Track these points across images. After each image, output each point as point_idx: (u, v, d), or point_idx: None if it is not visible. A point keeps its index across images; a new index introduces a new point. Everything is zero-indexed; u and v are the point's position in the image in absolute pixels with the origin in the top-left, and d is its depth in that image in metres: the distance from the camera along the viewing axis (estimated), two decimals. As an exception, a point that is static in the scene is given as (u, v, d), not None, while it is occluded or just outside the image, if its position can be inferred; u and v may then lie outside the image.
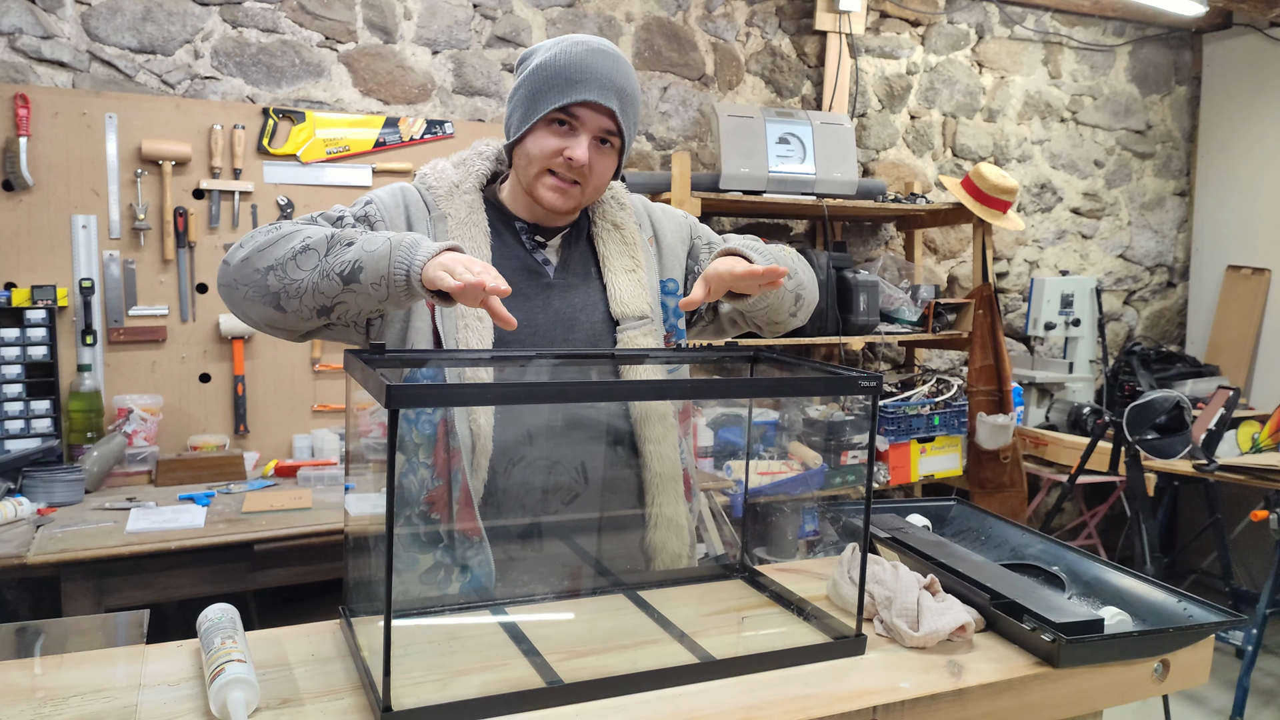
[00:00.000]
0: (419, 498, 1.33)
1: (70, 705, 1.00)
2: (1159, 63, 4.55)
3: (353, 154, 2.88)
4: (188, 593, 2.16)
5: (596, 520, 1.43)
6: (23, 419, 2.50)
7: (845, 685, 1.09)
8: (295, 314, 1.25)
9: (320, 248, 1.23)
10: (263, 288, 1.24)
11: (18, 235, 2.54)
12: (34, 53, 2.63)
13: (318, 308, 1.24)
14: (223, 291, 1.30)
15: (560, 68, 1.32)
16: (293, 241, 1.24)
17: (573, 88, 1.31)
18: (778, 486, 3.05)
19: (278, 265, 1.23)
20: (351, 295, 1.21)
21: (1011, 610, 1.21)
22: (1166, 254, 4.72)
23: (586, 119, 1.34)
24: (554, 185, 1.36)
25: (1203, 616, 1.24)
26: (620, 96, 1.34)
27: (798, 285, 1.49)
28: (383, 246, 1.19)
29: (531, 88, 1.34)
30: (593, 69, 1.32)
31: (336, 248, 1.22)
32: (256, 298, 1.25)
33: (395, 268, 1.17)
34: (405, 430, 1.33)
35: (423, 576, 1.33)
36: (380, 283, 1.18)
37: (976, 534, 1.65)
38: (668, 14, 3.47)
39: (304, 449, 2.80)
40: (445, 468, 1.32)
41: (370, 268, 1.18)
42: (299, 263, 1.22)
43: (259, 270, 1.24)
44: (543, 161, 1.35)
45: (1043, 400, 4.01)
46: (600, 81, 1.32)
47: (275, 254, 1.24)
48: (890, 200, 3.49)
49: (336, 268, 1.20)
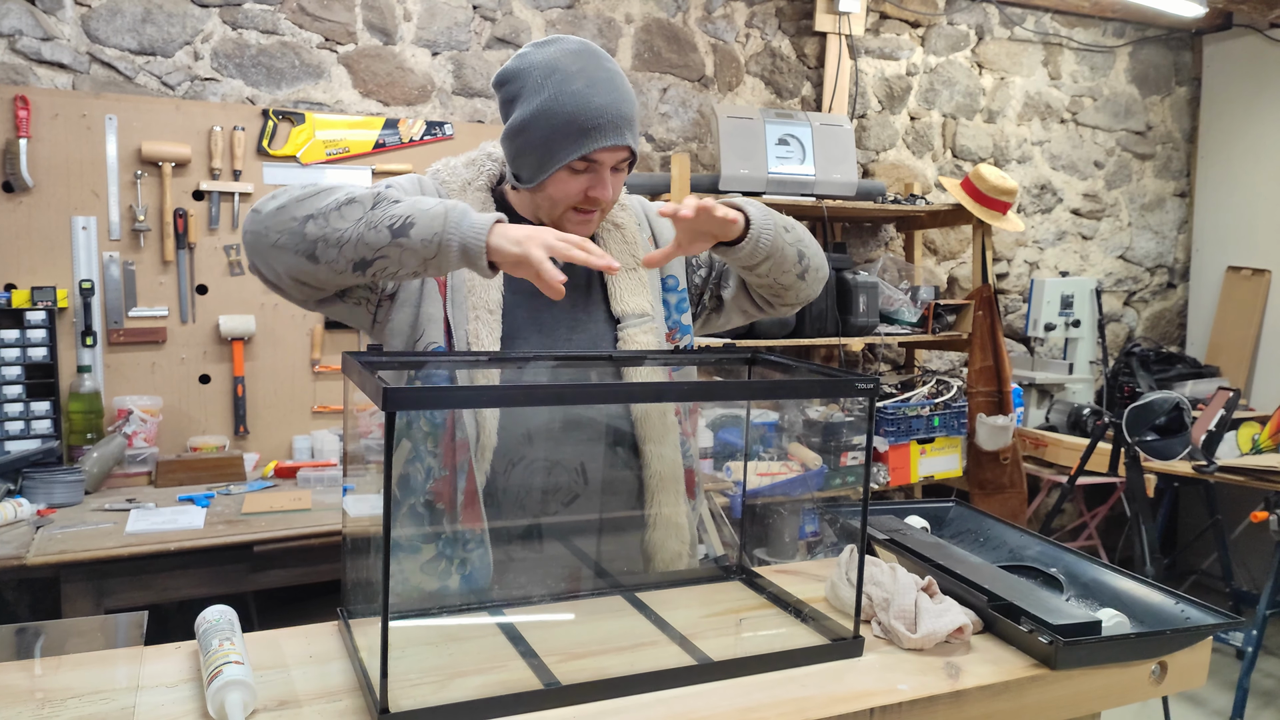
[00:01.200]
0: (424, 487, 1.33)
1: (68, 707, 1.00)
2: (1159, 64, 4.55)
3: (352, 155, 2.88)
4: (187, 594, 2.17)
5: (596, 521, 1.43)
6: (23, 420, 2.51)
7: (842, 687, 1.09)
8: (329, 265, 1.22)
9: (366, 201, 1.21)
10: (299, 235, 1.21)
11: (18, 236, 2.54)
12: (34, 54, 2.63)
13: (357, 259, 1.20)
14: (249, 239, 1.25)
15: (569, 115, 1.28)
16: (336, 194, 1.22)
17: (587, 136, 1.29)
18: (777, 487, 3.05)
19: (319, 214, 1.20)
20: (397, 250, 1.19)
21: (1009, 612, 1.22)
22: (1167, 255, 4.72)
23: (606, 159, 1.33)
24: (581, 220, 1.37)
25: (1200, 618, 1.24)
26: (630, 126, 1.33)
27: (797, 240, 1.43)
28: (436, 206, 1.19)
29: (543, 134, 1.30)
30: (601, 111, 1.29)
31: (384, 203, 1.21)
32: (289, 245, 1.21)
33: (449, 229, 1.17)
34: (413, 418, 1.33)
35: (423, 567, 1.33)
36: (431, 240, 1.17)
37: (975, 535, 1.65)
38: (667, 15, 3.47)
39: (304, 450, 2.81)
40: (451, 458, 1.32)
41: (423, 224, 1.18)
42: (343, 213, 1.20)
43: (296, 218, 1.21)
44: (567, 203, 1.35)
45: (1043, 401, 4.01)
46: (612, 123, 1.30)
47: (317, 204, 1.22)
48: (890, 201, 3.49)
49: (386, 220, 1.19)
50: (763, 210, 1.38)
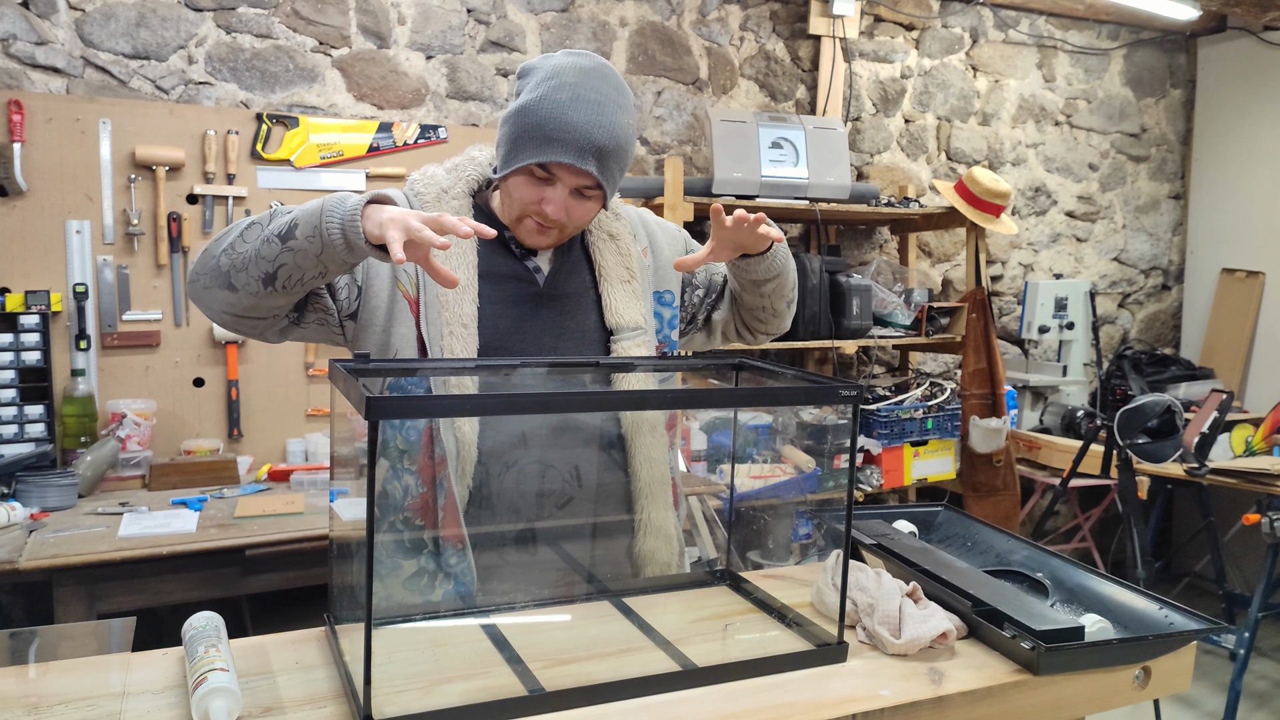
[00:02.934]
0: (403, 504, 1.34)
1: (55, 713, 1.01)
2: (1153, 66, 4.56)
3: (346, 159, 2.89)
4: (180, 597, 2.17)
5: (582, 527, 1.43)
6: (16, 424, 2.51)
7: (826, 693, 1.10)
8: (245, 289, 1.27)
9: (264, 220, 1.27)
10: (216, 270, 1.28)
11: (11, 240, 2.55)
12: (28, 59, 2.64)
13: (262, 275, 1.25)
14: (189, 290, 1.34)
15: (540, 120, 1.29)
16: (241, 224, 1.29)
17: (548, 146, 1.29)
18: (770, 490, 3.06)
19: (228, 247, 1.27)
20: (290, 254, 1.22)
21: (993, 618, 1.22)
22: (1161, 257, 4.73)
23: (563, 175, 1.32)
24: (533, 228, 1.38)
25: (1184, 624, 1.25)
26: (599, 155, 1.30)
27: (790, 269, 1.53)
28: (315, 203, 1.23)
29: (515, 131, 1.32)
30: (571, 127, 1.28)
31: (277, 216, 1.26)
32: (213, 283, 1.29)
33: (327, 218, 1.19)
34: (390, 436, 1.33)
35: (406, 583, 1.34)
36: (314, 235, 1.20)
37: (963, 540, 1.66)
38: (661, 19, 3.48)
39: (297, 453, 2.81)
40: (430, 475, 1.32)
41: (304, 223, 1.21)
42: (245, 237, 1.26)
43: (214, 256, 1.28)
44: (520, 208, 1.36)
45: (1036, 403, 4.01)
46: (577, 143, 1.29)
47: (226, 239, 1.28)
48: (884, 204, 3.50)
49: (276, 230, 1.24)
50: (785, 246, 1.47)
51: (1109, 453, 3.10)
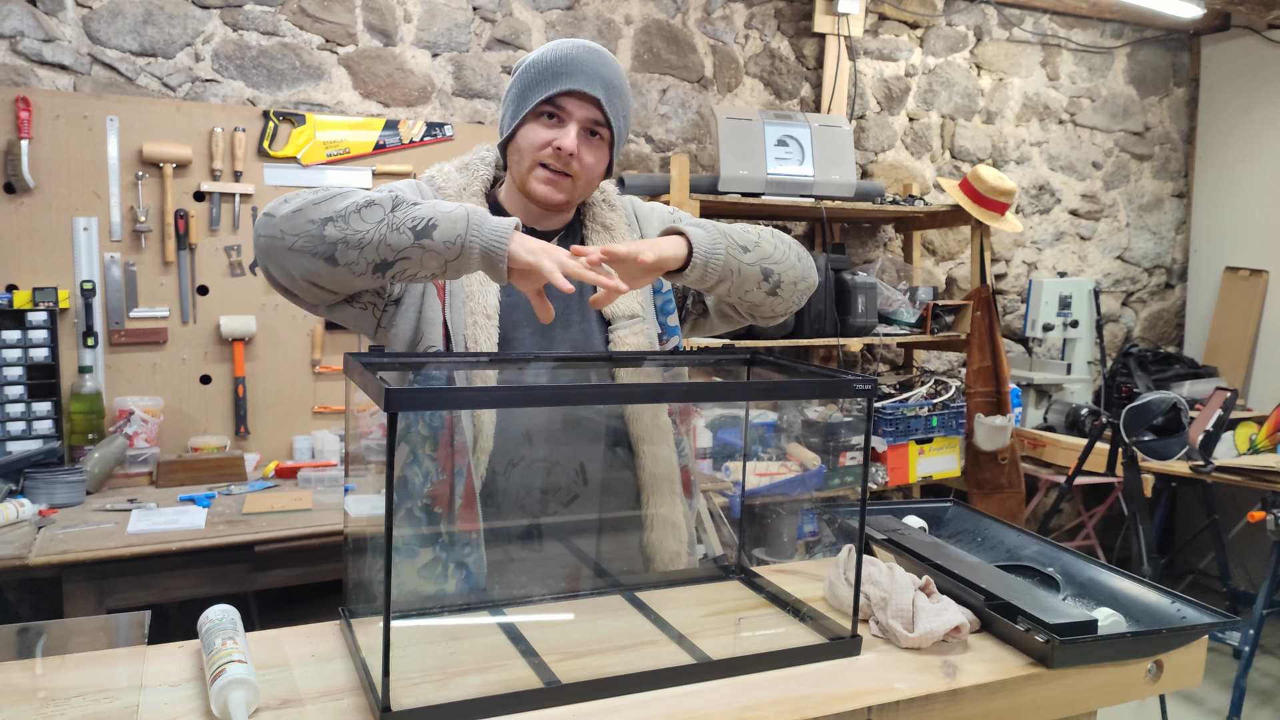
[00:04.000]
0: (422, 491, 1.34)
1: (72, 705, 1.01)
2: (1157, 65, 4.56)
3: (353, 156, 2.89)
4: (189, 593, 2.17)
5: (594, 521, 1.44)
6: (24, 420, 2.51)
7: (840, 686, 1.10)
8: (349, 267, 1.23)
9: (386, 204, 1.22)
10: (318, 238, 1.21)
11: (19, 237, 2.55)
12: (35, 56, 2.64)
13: (378, 261, 1.21)
14: (263, 243, 1.25)
15: (547, 63, 1.37)
16: (353, 196, 1.23)
17: (558, 79, 1.36)
18: (776, 487, 3.06)
19: (338, 217, 1.21)
20: (419, 251, 1.20)
21: (1006, 611, 1.22)
22: (1165, 255, 4.73)
23: (573, 109, 1.37)
24: (545, 178, 1.39)
25: (1196, 617, 1.25)
26: (606, 86, 1.38)
27: (761, 259, 1.38)
28: (458, 209, 1.21)
29: (521, 85, 1.40)
30: (577, 61, 1.37)
31: (404, 205, 1.22)
32: (307, 248, 1.22)
33: (474, 231, 1.19)
34: (411, 423, 1.34)
35: (420, 570, 1.34)
36: (455, 242, 1.19)
37: (972, 535, 1.66)
38: (667, 16, 3.48)
39: (304, 450, 2.82)
40: (449, 462, 1.33)
41: (445, 226, 1.19)
42: (364, 215, 1.21)
43: (314, 220, 1.22)
44: (533, 154, 1.38)
45: (1041, 401, 4.02)
46: (585, 72, 1.37)
47: (334, 207, 1.22)
48: (889, 202, 3.50)
49: (409, 222, 1.20)
50: (714, 233, 1.34)
51: (1114, 450, 3.10)
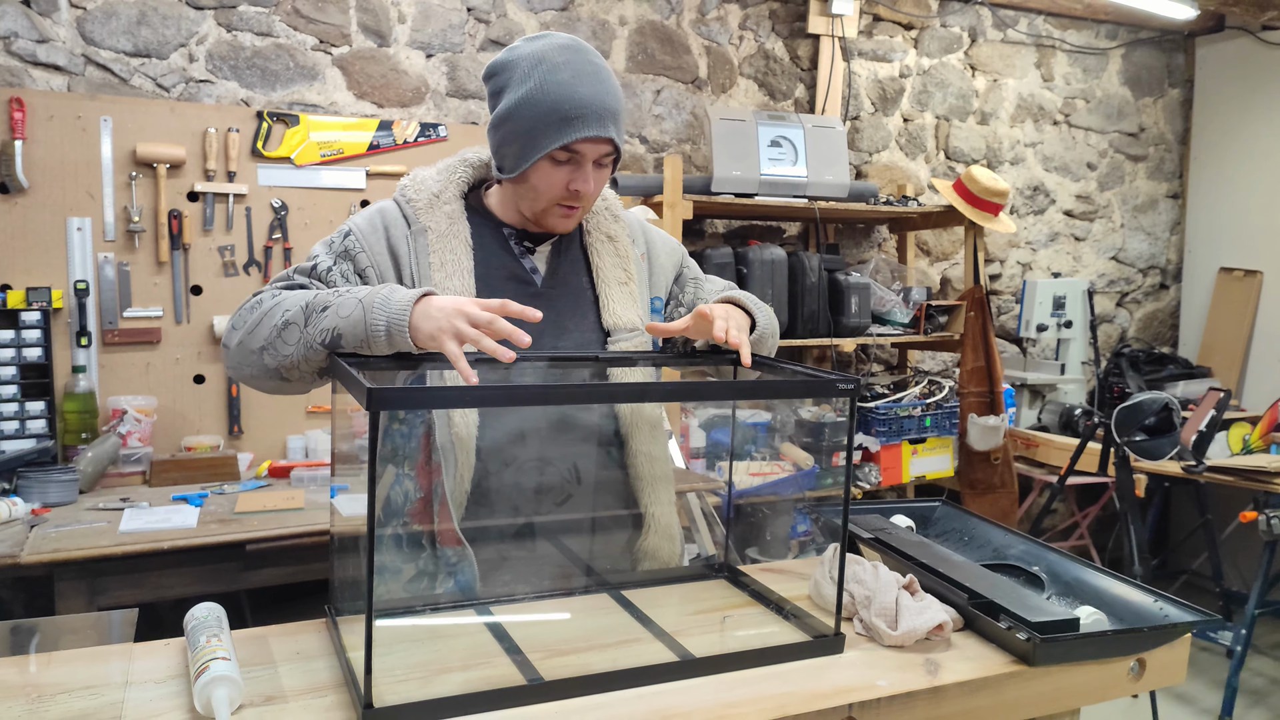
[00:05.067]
0: (403, 510, 1.35)
1: (58, 702, 1.02)
2: (1152, 66, 4.57)
3: (346, 157, 2.90)
4: (180, 592, 2.18)
5: (580, 522, 1.44)
6: (18, 420, 2.52)
7: (822, 683, 1.11)
8: (300, 381, 1.31)
9: (299, 320, 1.26)
10: (261, 366, 1.30)
11: (13, 238, 2.56)
12: (29, 56, 2.64)
13: (314, 371, 1.29)
14: (231, 374, 1.36)
15: (553, 104, 1.30)
16: (274, 318, 1.27)
17: (570, 125, 1.30)
18: (769, 487, 3.07)
19: (268, 345, 1.28)
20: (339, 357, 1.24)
21: (989, 610, 1.23)
22: (1159, 256, 4.74)
23: (588, 151, 1.34)
24: (563, 215, 1.39)
25: (1178, 616, 1.26)
26: (615, 119, 1.34)
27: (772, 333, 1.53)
28: (355, 309, 1.21)
29: (527, 124, 1.31)
30: (586, 102, 1.30)
31: (314, 316, 1.24)
32: (262, 376, 1.31)
33: (373, 330, 1.20)
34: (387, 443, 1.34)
35: (406, 586, 1.35)
36: (361, 343, 1.22)
37: (960, 535, 1.67)
38: (661, 17, 3.49)
39: (297, 450, 2.82)
40: (427, 481, 1.33)
41: (349, 333, 1.21)
42: (284, 338, 1.26)
43: (253, 351, 1.29)
44: (550, 196, 1.36)
45: (1035, 402, 4.02)
46: (597, 113, 1.31)
47: (262, 334, 1.28)
48: (882, 203, 3.51)
49: (318, 338, 1.24)
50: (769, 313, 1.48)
51: (1106, 450, 3.11)
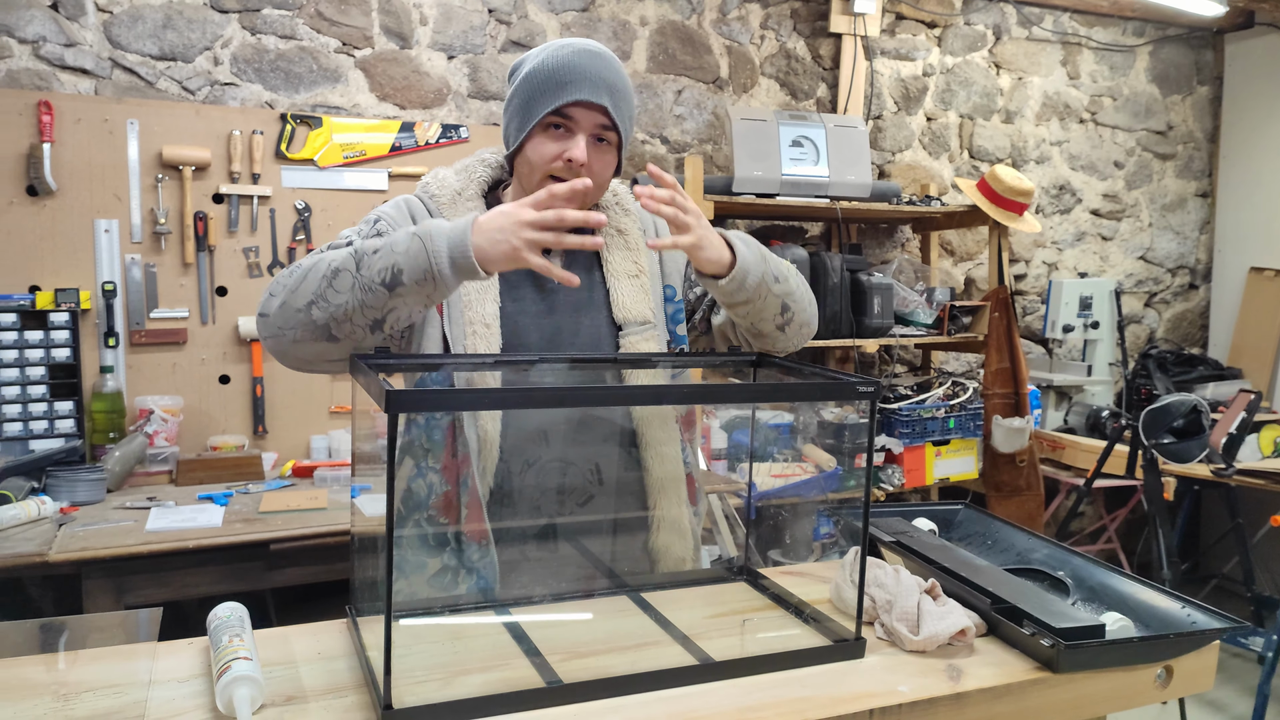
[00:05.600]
0: (427, 502, 1.35)
1: (83, 700, 1.03)
2: (1180, 63, 4.51)
3: (369, 158, 2.91)
4: (205, 590, 2.20)
5: (600, 523, 1.44)
6: (46, 419, 2.55)
7: (843, 688, 1.10)
8: (349, 338, 1.24)
9: (349, 265, 1.21)
10: (309, 324, 1.22)
11: (42, 239, 2.59)
12: (57, 60, 2.68)
13: (369, 323, 1.22)
14: (270, 345, 1.27)
15: (549, 72, 1.34)
16: (320, 270, 1.22)
17: (563, 89, 1.33)
18: (791, 489, 3.05)
19: (316, 298, 1.21)
20: (400, 300, 1.20)
21: (1012, 615, 1.22)
22: (1188, 256, 4.68)
23: (581, 118, 1.35)
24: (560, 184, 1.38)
25: (1206, 622, 1.24)
26: (611, 92, 1.36)
27: (786, 293, 1.41)
28: (411, 242, 1.19)
29: (524, 96, 1.36)
30: (581, 68, 1.34)
31: (365, 259, 1.21)
32: (307, 337, 1.24)
33: (434, 257, 1.17)
34: (414, 435, 1.34)
35: (430, 580, 1.35)
36: (424, 277, 1.18)
37: (983, 538, 1.65)
38: (682, 18, 3.48)
39: (321, 450, 2.84)
40: (454, 473, 1.33)
41: (409, 265, 1.18)
42: (335, 287, 1.21)
43: (299, 309, 1.22)
44: (544, 167, 1.36)
45: (1061, 403, 3.98)
46: (590, 80, 1.34)
47: (309, 288, 1.22)
48: (905, 203, 3.48)
49: (375, 278, 1.19)
50: (756, 253, 1.34)
51: (1134, 453, 3.07)
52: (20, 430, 2.54)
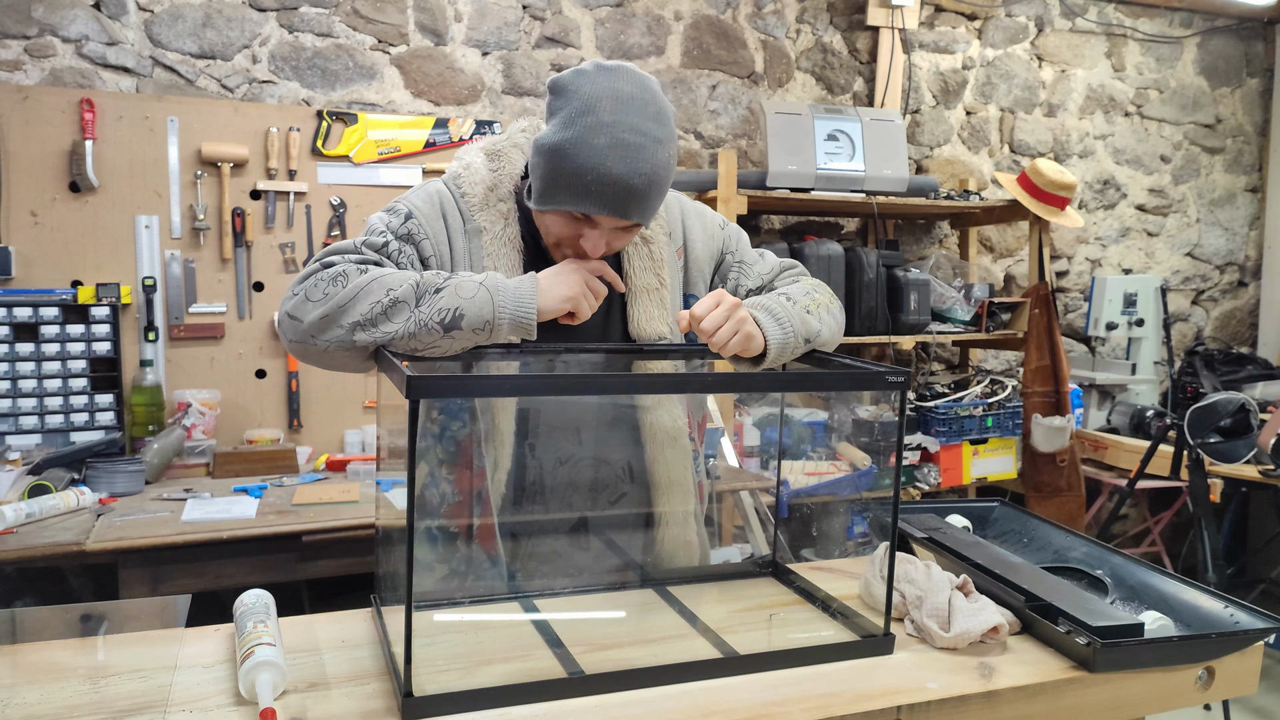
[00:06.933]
0: (452, 496, 1.35)
1: (111, 684, 1.04)
2: (1229, 54, 4.39)
3: (403, 155, 2.93)
4: (239, 581, 2.22)
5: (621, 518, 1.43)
6: (87, 412, 2.60)
7: (870, 684, 1.08)
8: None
9: (409, 299, 1.20)
10: (350, 344, 1.21)
11: (84, 235, 2.64)
12: (99, 59, 2.73)
13: (409, 350, 1.23)
14: (296, 350, 1.25)
15: (577, 169, 1.22)
16: (376, 294, 1.20)
17: (587, 198, 1.24)
18: (825, 487, 3.02)
19: (365, 322, 1.20)
20: (451, 341, 1.22)
21: (1047, 612, 1.19)
22: (1237, 252, 4.55)
23: (604, 222, 1.29)
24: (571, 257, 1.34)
25: (1250, 623, 1.20)
26: (639, 201, 1.26)
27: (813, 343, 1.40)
28: (479, 293, 1.22)
29: (550, 172, 1.26)
30: (610, 180, 1.22)
31: (427, 296, 1.21)
32: (342, 354, 1.23)
33: (499, 312, 1.22)
34: (430, 445, 1.34)
35: (453, 573, 1.35)
36: (483, 327, 1.22)
37: (1019, 536, 1.62)
38: (717, 12, 3.46)
39: (355, 444, 2.86)
40: (468, 484, 1.33)
41: (471, 313, 1.21)
42: (390, 316, 1.20)
43: (343, 326, 1.20)
44: (557, 240, 1.33)
45: (1104, 402, 3.89)
46: (617, 196, 1.23)
47: (359, 309, 1.20)
48: (943, 197, 3.43)
49: (435, 317, 1.20)
50: (789, 332, 1.33)
51: (1179, 453, 2.99)
52: (61, 422, 2.59)
